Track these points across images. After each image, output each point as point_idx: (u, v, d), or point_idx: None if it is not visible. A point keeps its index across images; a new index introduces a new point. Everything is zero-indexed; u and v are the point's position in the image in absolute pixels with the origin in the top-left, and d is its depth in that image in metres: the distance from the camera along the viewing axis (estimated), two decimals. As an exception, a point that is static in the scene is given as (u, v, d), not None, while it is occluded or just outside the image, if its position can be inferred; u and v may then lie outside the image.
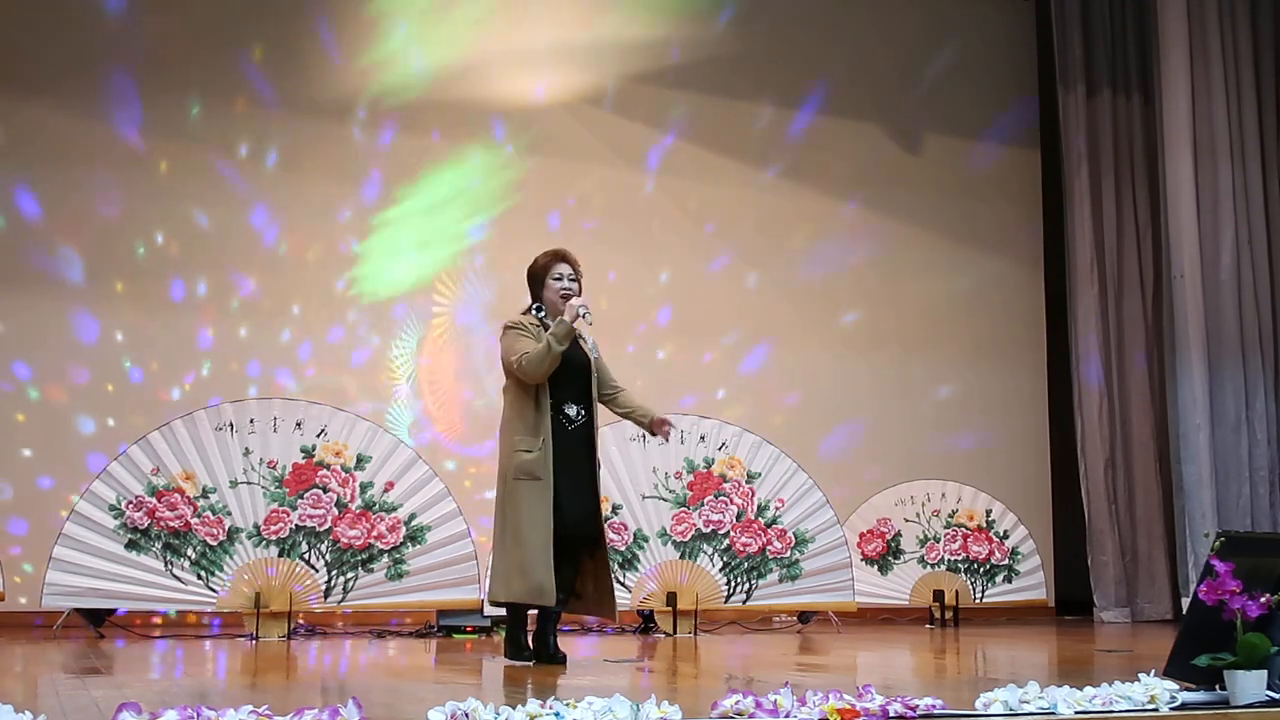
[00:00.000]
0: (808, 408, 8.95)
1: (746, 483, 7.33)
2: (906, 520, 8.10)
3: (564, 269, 5.21)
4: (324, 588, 6.54)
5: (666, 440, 5.77)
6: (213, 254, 7.83)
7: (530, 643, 5.11)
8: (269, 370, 7.83)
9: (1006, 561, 8.23)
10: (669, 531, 7.16)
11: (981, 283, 9.59)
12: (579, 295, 5.18)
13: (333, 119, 8.15)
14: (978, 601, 8.16)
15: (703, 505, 7.23)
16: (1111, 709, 3.27)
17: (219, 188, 7.87)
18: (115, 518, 6.36)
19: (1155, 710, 3.30)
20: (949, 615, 8.02)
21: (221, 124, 7.91)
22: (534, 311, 5.22)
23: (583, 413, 5.15)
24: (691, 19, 9.03)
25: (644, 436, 7.18)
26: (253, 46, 8.02)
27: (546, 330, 5.07)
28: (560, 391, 5.10)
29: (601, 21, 8.80)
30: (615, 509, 7.11)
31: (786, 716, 3.04)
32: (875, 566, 7.98)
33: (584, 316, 5.05)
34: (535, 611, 5.16)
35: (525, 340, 5.05)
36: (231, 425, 6.58)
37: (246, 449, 6.56)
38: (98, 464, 6.80)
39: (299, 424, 6.66)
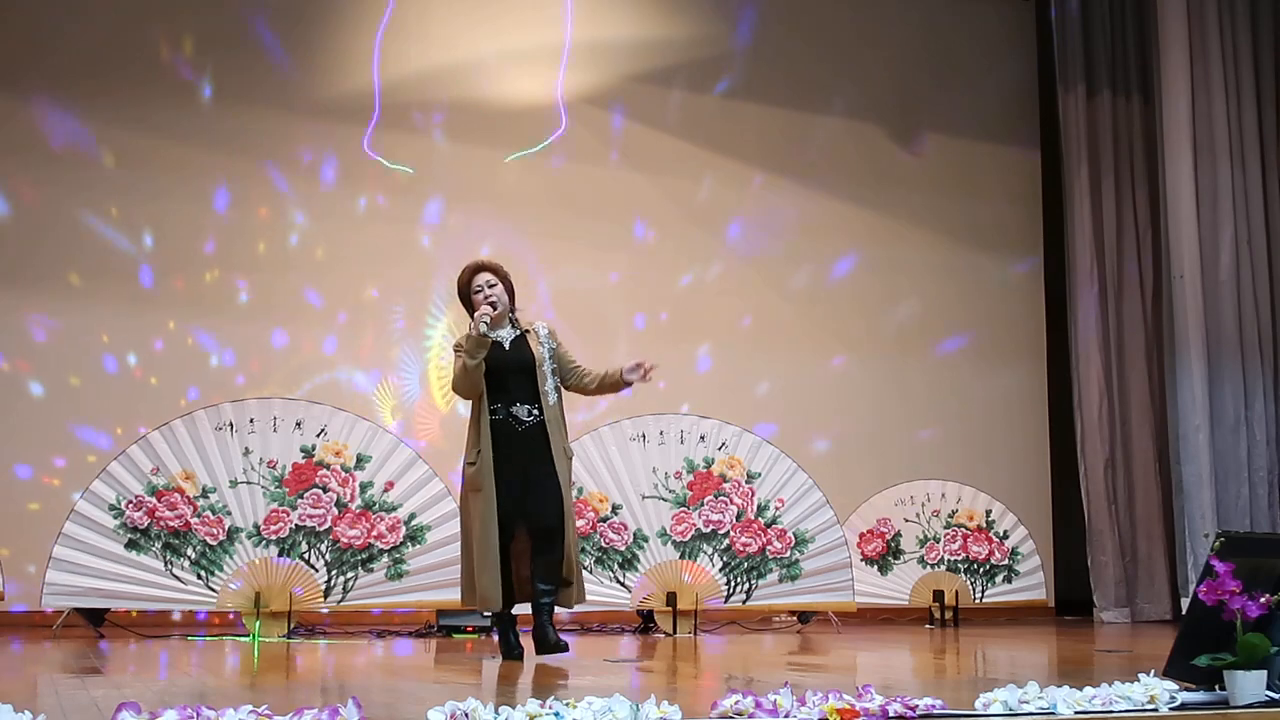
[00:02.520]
0: (807, 407, 8.94)
1: (746, 483, 7.33)
2: (906, 520, 8.10)
3: (483, 278, 5.26)
4: (324, 587, 6.54)
5: (646, 379, 5.26)
6: (214, 253, 7.83)
7: (520, 640, 5.22)
8: (269, 370, 7.82)
9: (1006, 562, 8.24)
10: (669, 531, 7.16)
11: (981, 283, 9.59)
12: (510, 299, 5.25)
13: (332, 118, 8.15)
14: (977, 602, 8.16)
15: (703, 505, 7.23)
16: (1111, 709, 3.27)
17: (217, 187, 7.86)
18: (115, 517, 6.37)
19: (1155, 710, 3.30)
20: (949, 615, 8.02)
21: (223, 123, 7.91)
22: (470, 329, 5.27)
23: (534, 411, 5.17)
24: (691, 20, 9.03)
25: (643, 436, 7.20)
26: (255, 44, 8.03)
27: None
28: (507, 395, 5.16)
29: (601, 22, 8.80)
30: (615, 509, 7.11)
31: (786, 716, 3.04)
32: (875, 566, 7.98)
33: (484, 321, 5.05)
34: (529, 610, 5.25)
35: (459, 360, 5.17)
36: (231, 425, 6.58)
37: (246, 449, 6.56)
38: (98, 463, 6.79)
39: (299, 424, 6.66)
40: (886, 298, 9.32)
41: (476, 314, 5.14)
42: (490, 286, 5.22)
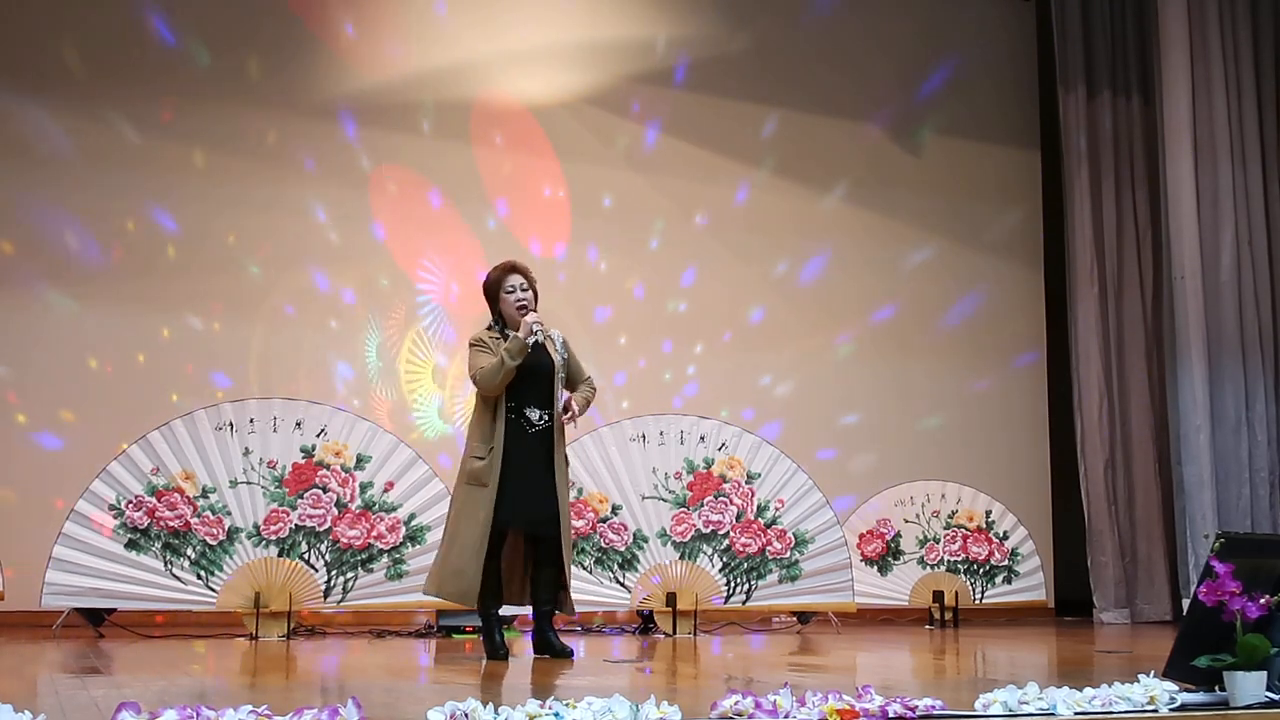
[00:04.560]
0: (807, 408, 8.95)
1: (746, 483, 7.33)
2: (906, 521, 8.10)
3: (515, 280, 5.37)
4: (324, 588, 6.54)
5: (570, 422, 5.40)
6: (214, 253, 7.83)
7: (505, 641, 5.32)
8: (268, 370, 7.82)
9: (1006, 562, 8.23)
10: (669, 532, 7.16)
11: (981, 283, 9.59)
12: (534, 303, 5.35)
13: (326, 118, 8.14)
14: (977, 602, 8.16)
15: (702, 505, 7.23)
16: (1111, 710, 3.27)
17: (214, 186, 7.86)
18: (115, 517, 6.36)
19: (1154, 711, 3.30)
20: (949, 616, 8.02)
21: (217, 124, 7.90)
22: (495, 326, 5.39)
23: (545, 417, 5.30)
24: (691, 18, 9.03)
25: (643, 436, 7.21)
26: (252, 42, 8.03)
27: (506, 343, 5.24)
28: (521, 397, 5.27)
29: (600, 21, 8.80)
30: (615, 509, 7.11)
31: (786, 717, 3.04)
32: (875, 567, 7.98)
33: (538, 334, 5.23)
34: (531, 613, 5.41)
35: (484, 355, 5.26)
36: (231, 425, 6.58)
37: (246, 449, 6.56)
38: (96, 463, 6.78)
39: (299, 424, 6.66)
40: (886, 298, 9.32)
41: (529, 319, 5.22)
42: (523, 290, 5.34)
